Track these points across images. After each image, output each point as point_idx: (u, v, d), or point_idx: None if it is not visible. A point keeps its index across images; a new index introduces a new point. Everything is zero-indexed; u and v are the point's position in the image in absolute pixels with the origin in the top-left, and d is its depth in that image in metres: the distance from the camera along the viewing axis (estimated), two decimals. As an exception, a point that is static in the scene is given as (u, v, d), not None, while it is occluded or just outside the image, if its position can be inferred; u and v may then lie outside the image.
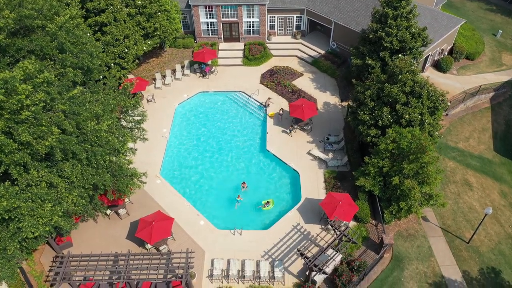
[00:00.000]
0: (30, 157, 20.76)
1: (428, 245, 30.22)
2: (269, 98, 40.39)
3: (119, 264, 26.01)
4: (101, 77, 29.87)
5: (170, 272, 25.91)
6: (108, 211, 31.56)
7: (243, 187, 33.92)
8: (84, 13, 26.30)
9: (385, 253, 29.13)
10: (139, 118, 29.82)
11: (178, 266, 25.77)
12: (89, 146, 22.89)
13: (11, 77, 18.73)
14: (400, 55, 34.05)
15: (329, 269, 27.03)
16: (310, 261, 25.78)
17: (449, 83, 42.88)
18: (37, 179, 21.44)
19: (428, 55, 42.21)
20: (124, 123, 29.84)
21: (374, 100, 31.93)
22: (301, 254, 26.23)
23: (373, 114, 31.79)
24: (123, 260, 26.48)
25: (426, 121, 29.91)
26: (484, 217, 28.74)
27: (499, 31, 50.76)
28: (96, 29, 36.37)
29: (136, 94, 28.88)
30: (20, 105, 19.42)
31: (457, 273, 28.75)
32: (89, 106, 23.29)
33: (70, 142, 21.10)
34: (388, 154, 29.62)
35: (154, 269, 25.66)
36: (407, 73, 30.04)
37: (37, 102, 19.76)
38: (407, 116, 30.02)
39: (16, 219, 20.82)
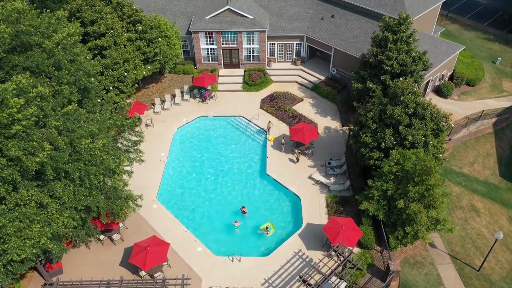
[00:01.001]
0: (19, 174, 19.85)
1: (437, 273, 28.78)
2: (270, 122, 39.84)
3: (111, 291, 24.58)
4: (99, 99, 29.37)
5: (165, 300, 24.47)
6: (102, 236, 30.30)
7: (243, 211, 32.77)
8: (83, 30, 26.06)
9: (391, 281, 27.66)
10: (136, 139, 29.05)
11: (173, 294, 24.32)
12: (82, 165, 22.03)
13: (2, 90, 18.14)
14: (401, 78, 33.70)
15: (333, 296, 25.56)
16: (313, 288, 24.38)
17: (451, 108, 42.45)
18: (27, 199, 20.44)
19: (429, 80, 42.03)
20: (120, 145, 29.03)
21: (376, 122, 31.33)
22: (304, 281, 24.84)
23: (376, 136, 31.10)
24: (115, 287, 25.03)
25: (430, 142, 29.18)
26: (494, 243, 27.48)
27: (498, 58, 50.92)
28: (96, 52, 36.30)
29: (133, 117, 28.23)
30: (10, 119, 18.72)
31: (469, 302, 27.23)
32: (84, 124, 22.60)
33: (62, 159, 20.26)
34: (392, 177, 28.69)
35: (147, 297, 24.21)
36: (409, 94, 29.57)
37: (29, 117, 19.09)
38: (410, 137, 29.31)
39: (1, 240, 19.66)
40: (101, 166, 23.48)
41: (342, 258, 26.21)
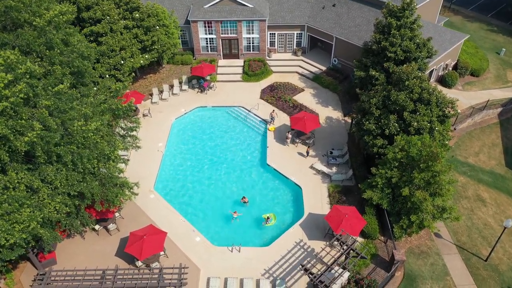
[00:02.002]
0: (7, 155, 18.91)
1: (443, 263, 27.85)
2: (273, 111, 38.81)
3: (106, 280, 23.60)
4: (94, 85, 28.38)
5: (161, 290, 23.50)
6: (97, 226, 29.36)
7: (244, 202, 31.85)
8: (75, 9, 25.08)
9: (396, 270, 26.73)
10: (132, 125, 28.12)
11: (169, 283, 23.37)
12: (75, 148, 21.09)
13: (-12, 65, 17.27)
14: (405, 65, 32.77)
15: (336, 286, 24.59)
16: (315, 277, 23.43)
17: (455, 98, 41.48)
18: (16, 182, 19.52)
19: (433, 69, 41.10)
20: (116, 132, 28.11)
21: (380, 109, 30.41)
22: (305, 270, 23.89)
23: (379, 123, 30.16)
24: (110, 276, 24.09)
25: (436, 128, 28.24)
26: (503, 231, 26.56)
27: (503, 49, 50.03)
28: (92, 39, 35.36)
29: (129, 102, 27.20)
30: (-3, 96, 17.83)
31: (476, 293, 26.30)
32: (76, 105, 21.67)
33: (53, 140, 19.33)
34: (396, 164, 27.77)
35: (143, 286, 23.25)
36: (414, 79, 28.64)
37: (17, 94, 18.15)
38: (415, 124, 28.38)
39: (-12, 224, 18.77)
40: (95, 151, 22.54)
41: (345, 247, 25.27)
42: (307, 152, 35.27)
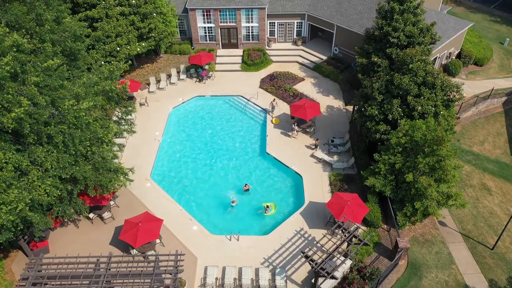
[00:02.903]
0: (-6, 133, 18.08)
1: (448, 252, 26.96)
2: (274, 100, 37.84)
3: (100, 268, 22.68)
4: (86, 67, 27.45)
5: (156, 278, 22.51)
6: (91, 215, 28.49)
7: (246, 189, 30.97)
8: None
9: (400, 259, 25.84)
10: (127, 109, 27.21)
11: (165, 270, 22.45)
12: (66, 128, 20.20)
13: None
14: (408, 48, 31.86)
15: (338, 273, 23.71)
16: (316, 264, 22.53)
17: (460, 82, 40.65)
18: (3, 161, 18.63)
19: (436, 57, 40.20)
20: (110, 118, 27.20)
21: (382, 94, 29.51)
22: (306, 257, 22.99)
23: (382, 108, 29.28)
24: (103, 264, 23.18)
25: (441, 113, 27.35)
26: (510, 219, 25.69)
27: (506, 39, 49.17)
28: (87, 24, 34.43)
29: (124, 85, 26.26)
30: (-19, 69, 16.95)
31: (483, 282, 25.38)
32: (68, 84, 20.76)
33: (42, 117, 18.45)
34: (400, 149, 26.89)
35: (137, 274, 22.34)
36: (419, 62, 27.75)
37: (3, 67, 17.25)
38: (419, 108, 27.51)
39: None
40: (87, 132, 21.64)
41: (347, 234, 24.37)
42: (316, 145, 34.00)
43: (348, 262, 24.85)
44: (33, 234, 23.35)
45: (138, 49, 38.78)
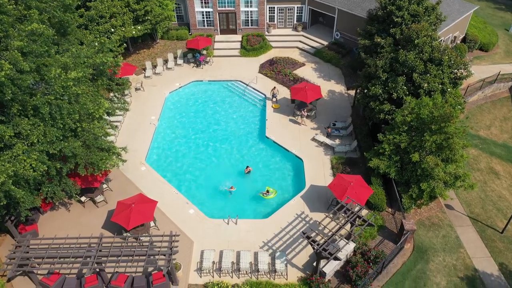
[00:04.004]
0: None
1: (456, 235, 25.79)
2: (275, 88, 36.41)
3: (90, 249, 21.49)
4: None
5: (150, 260, 21.32)
6: (83, 198, 27.28)
7: (248, 171, 29.82)
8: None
9: (406, 242, 24.66)
10: (121, 86, 26.01)
11: (159, 251, 21.27)
12: (52, 98, 19.00)
13: None
14: (413, 24, 30.63)
15: (341, 255, 22.53)
16: (318, 245, 21.35)
17: (468, 59, 39.51)
18: (-16, 132, 17.47)
19: (441, 41, 39.03)
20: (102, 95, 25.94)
21: (387, 72, 28.34)
22: (308, 238, 21.80)
23: (386, 87, 28.11)
24: (94, 244, 22.01)
25: (448, 90, 26.16)
26: (521, 199, 24.53)
27: (512, 25, 48.06)
28: (80, 3, 33.23)
29: (117, 59, 25.03)
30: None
31: (492, 266, 24.20)
32: (54, 52, 19.56)
33: (25, 82, 17.26)
34: (405, 128, 25.71)
35: (130, 254, 21.16)
36: (425, 37, 26.57)
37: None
38: (425, 85, 26.33)
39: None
40: (75, 105, 20.44)
41: (351, 215, 23.18)
42: (328, 133, 32.49)
43: (352, 245, 23.67)
44: (20, 214, 22.17)
45: (134, 32, 37.63)
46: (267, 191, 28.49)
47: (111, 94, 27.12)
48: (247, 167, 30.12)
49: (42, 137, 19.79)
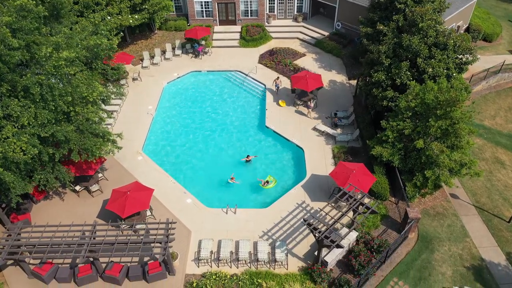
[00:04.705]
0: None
1: (461, 225, 25.02)
2: (278, 78, 35.46)
3: (84, 237, 20.73)
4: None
5: (145, 247, 20.55)
6: (78, 187, 26.52)
7: (248, 160, 29.09)
8: None
9: (410, 231, 23.88)
10: (116, 70, 25.23)
11: (154, 239, 20.51)
12: (43, 78, 18.24)
13: None
14: (418, 7, 29.77)
15: (344, 242, 21.77)
16: (319, 232, 20.59)
17: (474, 44, 38.62)
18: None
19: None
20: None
21: (390, 58, 27.57)
22: (309, 225, 21.04)
23: (390, 73, 27.34)
24: (88, 232, 21.26)
25: (454, 75, 25.40)
26: (529, 187, 23.76)
27: (515, 16, 47.26)
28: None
29: (111, 41, 24.24)
30: None
31: (500, 255, 23.42)
32: (46, 33, 18.79)
33: (13, 58, 16.50)
34: (409, 114, 24.94)
35: (124, 242, 20.40)
36: (429, 21, 25.81)
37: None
38: (430, 70, 25.57)
39: None
40: (68, 86, 19.68)
41: (353, 202, 22.42)
42: (335, 124, 31.69)
43: (354, 234, 22.91)
44: (11, 201, 21.41)
45: (131, 21, 36.90)
46: (267, 181, 27.70)
47: (107, 80, 26.35)
48: (248, 156, 29.34)
49: (33, 119, 19.04)
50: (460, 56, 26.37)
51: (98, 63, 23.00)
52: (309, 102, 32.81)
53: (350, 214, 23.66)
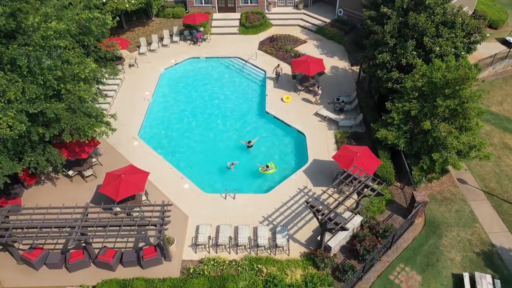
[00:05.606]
0: None
1: (470, 210, 24.01)
2: (278, 65, 34.38)
3: (74, 219, 19.72)
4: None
5: (140, 229, 19.53)
6: (71, 172, 25.49)
7: (250, 145, 28.06)
8: None
9: (417, 215, 22.87)
10: (111, 49, 24.20)
11: (149, 221, 19.49)
12: (31, 49, 17.23)
13: None
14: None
15: (349, 225, 20.76)
16: (323, 214, 19.57)
17: (482, 23, 37.61)
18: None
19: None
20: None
21: (395, 37, 26.56)
22: (312, 207, 20.03)
23: (395, 54, 26.33)
24: (79, 214, 20.26)
25: (462, 53, 24.39)
26: (541, 170, 22.76)
27: (521, 4, 46.24)
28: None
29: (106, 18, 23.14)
30: None
31: (511, 241, 22.42)
32: (34, 1, 17.80)
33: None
34: (416, 94, 23.91)
35: (118, 225, 19.39)
36: (436, -2, 24.82)
37: None
38: (437, 49, 24.56)
39: None
40: (57, 60, 18.66)
41: (358, 184, 21.39)
42: (341, 108, 30.58)
43: (359, 218, 21.90)
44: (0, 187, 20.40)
45: (127, 6, 35.90)
46: (267, 166, 26.68)
47: (100, 59, 25.27)
48: (249, 141, 28.30)
49: (20, 94, 18.03)
50: (468, 35, 25.31)
51: (90, 39, 21.96)
52: (316, 88, 31.70)
53: (355, 197, 22.62)
